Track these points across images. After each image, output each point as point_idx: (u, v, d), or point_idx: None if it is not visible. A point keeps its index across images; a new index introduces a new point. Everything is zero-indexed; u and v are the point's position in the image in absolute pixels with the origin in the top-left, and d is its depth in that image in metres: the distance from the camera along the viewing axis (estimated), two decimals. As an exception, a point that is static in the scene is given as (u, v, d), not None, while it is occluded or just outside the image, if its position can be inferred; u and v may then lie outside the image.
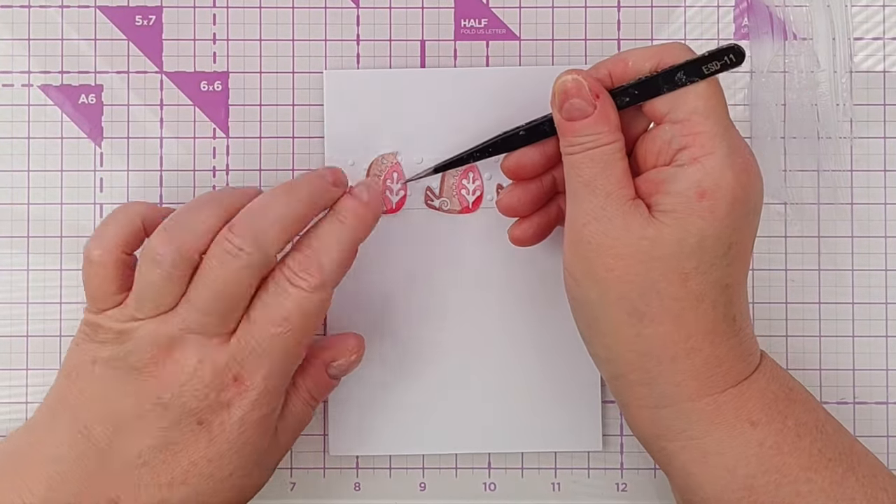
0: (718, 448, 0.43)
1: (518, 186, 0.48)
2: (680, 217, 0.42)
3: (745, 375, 0.44)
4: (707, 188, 0.42)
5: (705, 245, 0.42)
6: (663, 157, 0.44)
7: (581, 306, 0.45)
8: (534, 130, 0.47)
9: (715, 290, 0.43)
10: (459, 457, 0.53)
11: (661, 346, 0.43)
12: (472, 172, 0.52)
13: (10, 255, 0.52)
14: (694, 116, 0.43)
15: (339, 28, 0.53)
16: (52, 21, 0.53)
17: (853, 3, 0.53)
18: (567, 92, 0.44)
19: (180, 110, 0.53)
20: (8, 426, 0.52)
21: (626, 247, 0.43)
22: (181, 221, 0.45)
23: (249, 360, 0.44)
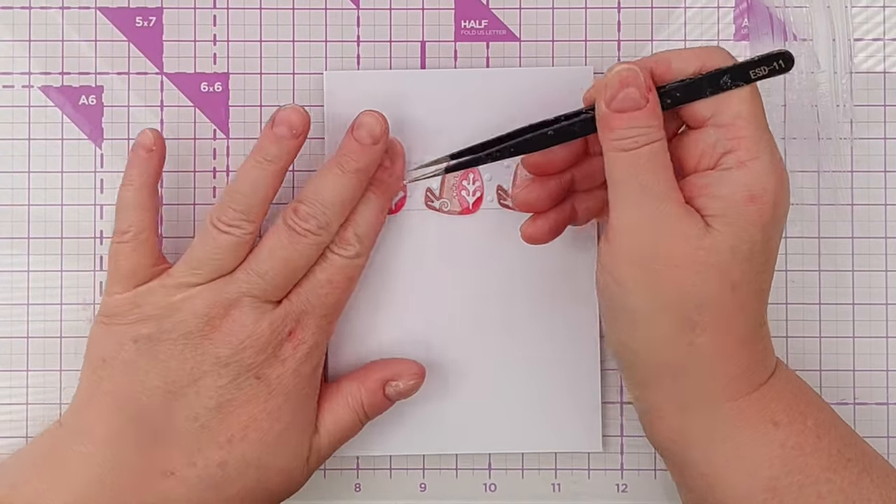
0: (742, 451, 0.43)
1: (536, 182, 0.48)
2: (731, 222, 0.42)
3: (766, 378, 0.44)
4: (756, 192, 0.42)
5: (755, 251, 0.42)
6: (706, 160, 0.43)
7: (621, 313, 0.44)
8: (563, 132, 0.46)
9: (755, 298, 0.43)
10: (460, 457, 0.53)
11: (705, 353, 0.43)
12: (473, 174, 0.52)
13: (10, 255, 0.52)
14: (738, 121, 0.43)
15: (339, 29, 0.53)
16: (53, 22, 0.53)
17: (853, 3, 0.53)
18: (623, 81, 0.43)
19: (181, 111, 0.53)
20: (8, 426, 0.52)
21: (683, 255, 0.42)
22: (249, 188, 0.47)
23: (301, 317, 0.47)
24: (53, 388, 0.52)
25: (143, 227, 0.48)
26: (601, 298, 0.45)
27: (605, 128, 0.44)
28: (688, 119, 0.44)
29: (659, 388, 0.44)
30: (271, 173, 0.47)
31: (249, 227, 0.47)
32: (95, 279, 0.52)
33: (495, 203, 0.52)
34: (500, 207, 0.52)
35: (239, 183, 0.47)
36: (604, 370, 0.52)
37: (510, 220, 0.52)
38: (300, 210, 0.47)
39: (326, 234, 0.47)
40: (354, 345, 0.52)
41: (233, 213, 0.47)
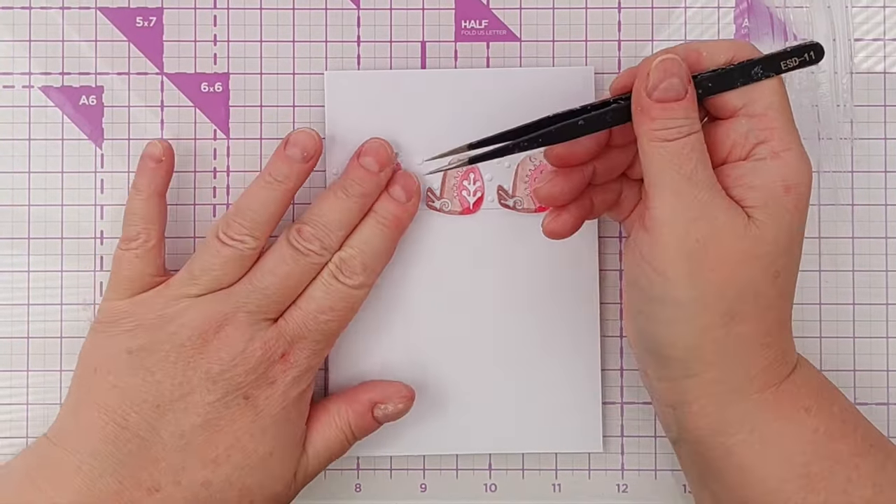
0: (777, 438, 0.44)
1: (560, 175, 0.47)
2: (772, 212, 0.42)
3: (793, 366, 0.45)
4: (791, 183, 0.43)
5: (794, 241, 0.43)
6: (737, 151, 0.44)
7: (660, 304, 0.44)
8: (594, 121, 0.45)
9: (793, 284, 0.44)
10: (460, 457, 0.53)
11: (744, 342, 0.43)
12: (473, 174, 0.52)
13: (10, 256, 0.52)
14: (770, 111, 0.43)
15: (339, 29, 0.53)
16: (53, 22, 0.53)
17: (853, 3, 0.53)
18: (668, 70, 0.43)
19: (181, 111, 0.53)
20: (8, 426, 0.52)
21: (732, 246, 0.42)
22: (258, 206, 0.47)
23: (296, 341, 0.47)
24: (53, 388, 0.52)
25: (150, 236, 0.48)
26: (634, 290, 0.45)
27: (644, 118, 0.43)
28: (717, 110, 0.45)
29: (694, 380, 0.44)
30: (280, 193, 0.48)
31: (254, 242, 0.47)
32: (95, 279, 0.52)
33: (496, 203, 0.52)
34: (501, 207, 0.52)
35: (247, 200, 0.48)
36: (604, 370, 0.52)
37: (511, 221, 0.52)
38: (304, 231, 0.47)
39: (328, 254, 0.48)
40: (354, 343, 0.52)
41: (238, 228, 0.47)
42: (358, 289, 0.48)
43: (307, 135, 0.48)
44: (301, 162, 0.48)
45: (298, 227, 0.48)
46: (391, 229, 0.49)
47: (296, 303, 0.48)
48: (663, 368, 0.45)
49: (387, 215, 0.49)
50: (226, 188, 0.53)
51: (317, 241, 0.47)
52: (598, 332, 0.52)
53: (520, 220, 0.52)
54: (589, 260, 0.52)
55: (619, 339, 0.53)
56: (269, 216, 0.48)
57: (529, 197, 0.52)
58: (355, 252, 0.48)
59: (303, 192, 0.52)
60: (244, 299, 0.47)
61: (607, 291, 0.52)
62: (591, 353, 0.52)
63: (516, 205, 0.52)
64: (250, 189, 0.48)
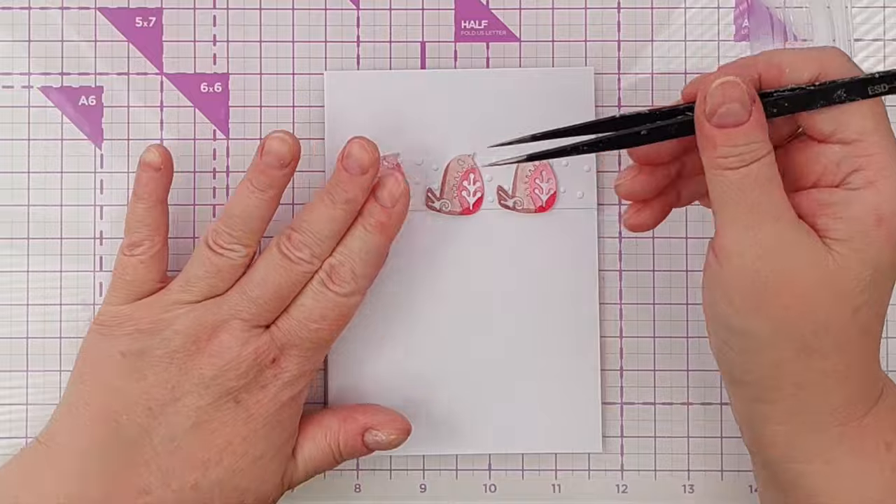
0: (851, 472, 0.42)
1: (644, 172, 0.45)
2: (857, 247, 0.40)
3: (877, 396, 0.43)
4: (884, 214, 0.40)
5: (879, 276, 0.40)
6: (828, 177, 0.41)
7: (734, 335, 0.42)
8: (657, 132, 0.43)
9: (877, 320, 0.42)
10: (460, 458, 0.53)
11: (824, 377, 0.41)
12: (473, 174, 0.52)
13: (10, 256, 0.52)
14: (865, 136, 0.40)
15: (339, 29, 0.53)
16: (53, 22, 0.53)
17: (853, 3, 0.53)
18: (725, 95, 0.40)
19: (180, 112, 0.53)
20: (8, 426, 0.52)
21: (805, 280, 0.40)
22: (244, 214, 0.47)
23: (287, 347, 0.47)
24: (53, 388, 0.52)
25: (154, 242, 0.48)
26: (710, 316, 0.43)
27: (706, 144, 0.41)
28: (808, 130, 0.42)
29: (770, 406, 0.43)
30: (264, 201, 0.47)
31: (244, 250, 0.47)
32: (95, 280, 0.52)
33: (495, 203, 0.52)
34: (501, 208, 0.52)
35: (233, 208, 0.47)
36: (604, 370, 0.52)
37: (510, 221, 0.52)
38: (294, 238, 0.47)
39: (318, 262, 0.47)
40: (353, 343, 0.51)
41: (227, 237, 0.47)
42: (349, 297, 0.47)
43: (280, 141, 0.47)
44: (278, 169, 0.47)
45: (289, 233, 0.47)
46: (378, 235, 0.48)
47: (287, 310, 0.47)
48: (740, 389, 0.44)
49: (373, 221, 0.48)
50: (225, 188, 0.53)
51: (307, 250, 0.47)
52: (598, 333, 0.52)
53: (519, 221, 0.52)
54: (589, 260, 0.52)
55: (618, 339, 0.53)
56: (256, 223, 0.47)
57: (529, 197, 0.52)
58: (344, 259, 0.47)
59: (302, 192, 0.52)
60: (237, 307, 0.47)
61: (607, 291, 0.52)
62: (591, 353, 0.52)
63: (516, 205, 0.52)
64: (237, 195, 0.47)
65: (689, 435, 0.52)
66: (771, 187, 0.40)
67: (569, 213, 0.52)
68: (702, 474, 0.52)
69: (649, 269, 0.53)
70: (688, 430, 0.52)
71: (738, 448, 0.52)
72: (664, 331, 0.52)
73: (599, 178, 0.52)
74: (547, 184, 0.52)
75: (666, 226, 0.48)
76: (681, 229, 0.52)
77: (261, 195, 0.47)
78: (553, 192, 0.52)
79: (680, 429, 0.52)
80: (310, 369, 0.48)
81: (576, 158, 0.51)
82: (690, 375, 0.52)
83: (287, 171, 0.47)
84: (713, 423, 0.52)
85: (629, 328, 0.53)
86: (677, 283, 0.52)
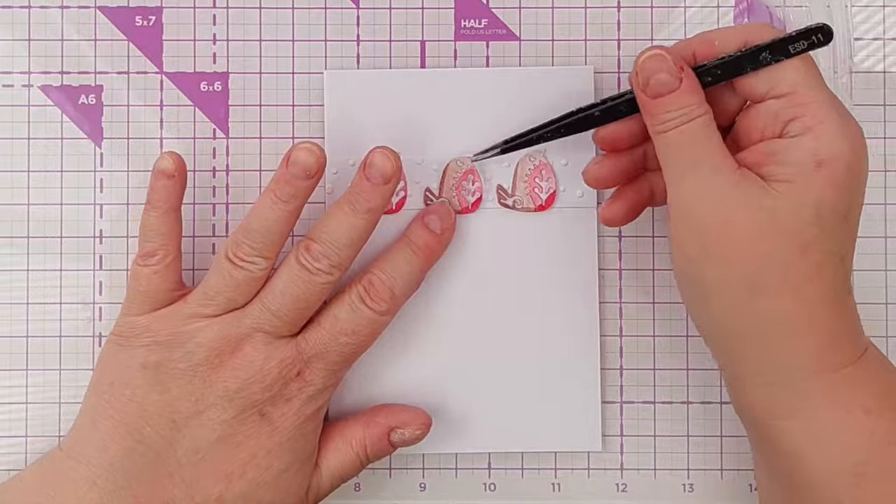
0: (832, 431, 0.43)
1: (608, 158, 0.48)
2: (797, 188, 0.42)
3: (857, 356, 0.44)
4: (824, 157, 0.42)
5: (824, 214, 0.42)
6: (770, 130, 0.43)
7: (694, 284, 0.44)
8: (609, 111, 0.47)
9: (833, 261, 0.43)
10: (459, 457, 0.53)
11: (781, 320, 0.42)
12: (472, 174, 0.52)
13: (10, 255, 0.52)
14: (799, 88, 0.43)
15: (339, 28, 0.53)
16: (53, 21, 0.53)
17: (853, 3, 0.53)
18: (650, 68, 0.44)
19: (180, 111, 0.53)
20: (8, 426, 0.52)
21: (744, 220, 0.42)
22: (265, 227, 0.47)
23: (314, 360, 0.47)
24: (53, 387, 0.52)
25: (168, 251, 0.48)
26: (676, 279, 0.45)
27: (646, 114, 0.44)
28: (747, 96, 0.45)
29: (742, 359, 0.44)
30: (286, 213, 0.47)
31: (264, 263, 0.47)
32: (95, 279, 0.52)
33: (495, 203, 0.52)
34: (500, 207, 0.52)
35: (254, 220, 0.47)
36: (603, 369, 0.52)
37: (510, 220, 0.52)
38: (312, 248, 0.47)
39: (338, 272, 0.47)
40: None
41: (248, 250, 0.47)
42: (383, 315, 0.48)
43: (307, 152, 0.47)
44: (304, 180, 0.47)
45: (307, 243, 0.47)
46: (422, 259, 0.49)
47: (318, 320, 0.48)
48: (714, 346, 0.45)
49: (420, 244, 0.49)
50: (225, 187, 0.53)
51: (325, 260, 0.47)
52: (598, 332, 0.52)
53: (519, 220, 0.52)
54: (589, 259, 0.52)
55: (618, 338, 0.53)
56: (277, 236, 0.47)
57: (529, 196, 0.52)
58: (385, 277, 0.48)
59: (302, 191, 0.52)
60: (259, 320, 0.47)
61: (607, 291, 0.53)
62: (591, 352, 0.52)
63: (515, 204, 0.52)
64: (257, 207, 0.47)
65: (688, 434, 0.52)
66: (706, 141, 0.43)
67: (568, 211, 0.52)
68: (702, 473, 0.52)
69: (649, 267, 0.53)
70: (688, 429, 0.52)
71: (738, 447, 0.52)
72: (664, 329, 0.53)
73: (599, 177, 0.52)
74: (546, 183, 0.52)
75: (666, 225, 0.48)
76: (681, 228, 0.52)
77: (283, 206, 0.47)
78: (553, 191, 0.52)
79: (680, 428, 0.52)
80: (333, 384, 0.48)
81: (576, 157, 0.51)
82: (690, 374, 0.53)
83: (312, 183, 0.47)
84: (713, 422, 0.52)
85: (629, 327, 0.53)
86: (677, 282, 0.53)
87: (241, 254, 0.47)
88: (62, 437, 0.52)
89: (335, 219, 0.47)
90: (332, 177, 0.52)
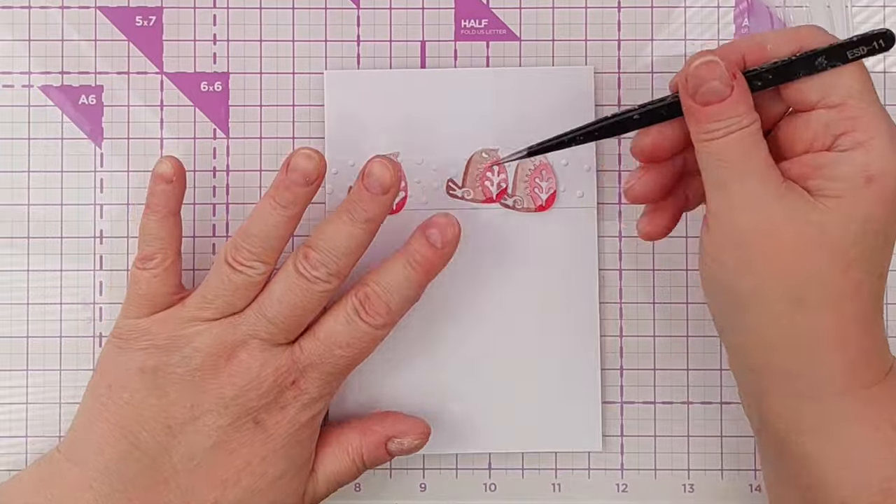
0: (859, 447, 0.42)
1: (650, 171, 0.46)
2: (846, 204, 0.41)
3: (884, 372, 0.43)
4: (874, 173, 0.41)
5: (869, 231, 0.41)
6: (819, 142, 0.42)
7: (728, 294, 0.43)
8: (649, 114, 0.45)
9: (872, 279, 0.42)
10: (460, 457, 0.53)
11: (817, 335, 0.42)
12: (498, 166, 0.51)
13: (10, 255, 0.52)
14: (851, 100, 0.42)
15: (339, 29, 0.53)
16: (53, 21, 0.53)
17: (853, 3, 0.53)
18: (703, 76, 0.42)
19: (181, 111, 0.53)
20: (8, 426, 0.52)
21: (790, 234, 0.41)
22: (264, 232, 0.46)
23: (309, 369, 0.47)
24: (53, 387, 0.52)
25: (167, 255, 0.48)
26: (706, 288, 0.44)
27: (692, 121, 0.43)
28: (794, 102, 0.43)
29: (770, 373, 0.43)
30: (286, 218, 0.46)
31: (263, 267, 0.47)
32: (95, 279, 0.52)
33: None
34: (501, 207, 0.52)
35: (254, 224, 0.47)
36: (604, 370, 0.52)
37: (510, 220, 0.52)
38: (311, 256, 0.46)
39: (336, 280, 0.47)
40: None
41: (247, 254, 0.46)
42: (379, 329, 0.47)
43: (307, 158, 0.46)
44: (303, 186, 0.46)
45: (305, 251, 0.46)
46: (421, 273, 0.47)
47: (314, 330, 0.47)
48: (741, 360, 0.45)
49: (419, 258, 0.47)
50: (225, 187, 0.53)
51: (323, 268, 0.46)
52: (598, 332, 0.52)
53: (519, 220, 0.52)
54: (589, 259, 0.52)
55: (618, 338, 0.53)
56: (276, 241, 0.47)
57: (529, 196, 0.52)
58: (381, 291, 0.47)
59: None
60: (255, 327, 0.46)
61: (607, 290, 0.52)
62: (591, 352, 0.52)
63: (516, 204, 0.52)
64: (257, 211, 0.47)
65: (689, 434, 0.52)
66: (754, 151, 0.42)
67: (569, 212, 0.52)
68: (702, 473, 0.52)
69: (649, 268, 0.53)
70: (688, 429, 0.52)
71: (738, 447, 0.52)
72: (664, 330, 0.53)
73: (599, 178, 0.52)
74: (547, 183, 0.52)
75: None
76: (681, 228, 0.52)
77: (283, 212, 0.46)
78: (553, 192, 0.52)
79: (680, 428, 0.52)
80: (329, 392, 0.48)
81: (576, 158, 0.51)
82: (690, 374, 0.52)
83: (312, 189, 0.47)
84: (713, 422, 0.52)
85: (629, 327, 0.53)
86: (677, 282, 0.53)
87: (241, 258, 0.46)
88: (62, 437, 0.52)
89: (333, 227, 0.47)
90: (332, 177, 0.52)
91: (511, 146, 0.50)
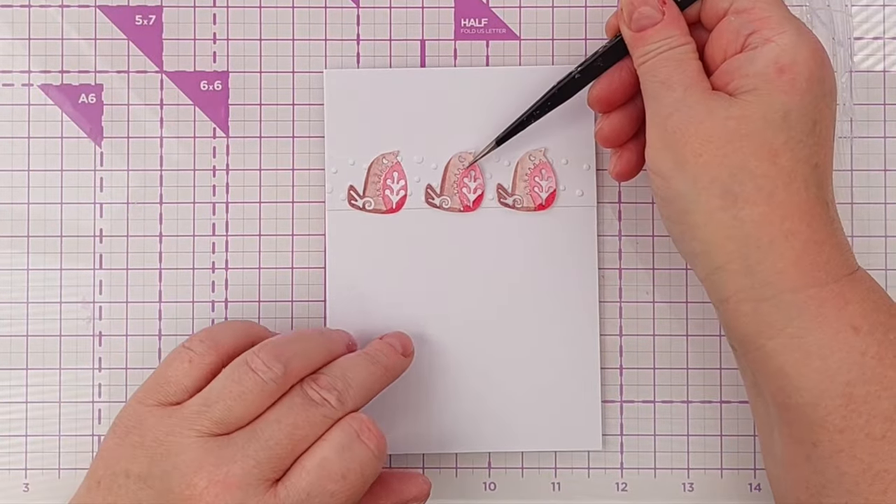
0: (820, 350, 0.42)
1: (615, 113, 0.48)
2: (762, 94, 0.43)
3: (844, 272, 0.43)
4: (785, 63, 0.43)
5: (791, 119, 0.43)
6: (733, 47, 0.45)
7: (671, 202, 0.44)
8: (589, 70, 0.48)
9: (805, 168, 0.43)
10: (459, 456, 0.53)
11: (758, 228, 0.43)
12: (474, 171, 0.52)
13: (10, 254, 0.52)
14: (758, 4, 0.44)
15: (339, 28, 0.53)
16: (53, 20, 0.53)
17: (853, 3, 0.53)
18: (635, 4, 0.45)
19: (180, 110, 0.53)
20: (8, 426, 0.52)
21: (713, 129, 0.43)
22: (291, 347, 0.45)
23: None
24: (53, 387, 0.52)
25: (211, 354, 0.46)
26: (655, 200, 0.46)
27: (632, 48, 0.46)
28: (712, 13, 0.46)
29: (727, 275, 0.43)
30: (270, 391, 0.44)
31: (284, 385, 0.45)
32: (95, 278, 0.52)
33: (495, 202, 0.52)
34: (500, 206, 0.52)
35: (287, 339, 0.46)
36: (603, 369, 0.52)
37: (510, 219, 0.52)
38: (321, 380, 0.45)
39: (341, 410, 0.44)
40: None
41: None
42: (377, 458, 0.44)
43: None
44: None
45: (315, 376, 0.45)
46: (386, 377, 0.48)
47: (301, 462, 0.43)
48: (698, 266, 0.45)
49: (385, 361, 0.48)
50: (225, 186, 0.53)
51: (335, 392, 0.44)
52: (598, 331, 0.52)
53: (519, 219, 0.52)
54: (589, 258, 0.52)
55: (618, 337, 0.53)
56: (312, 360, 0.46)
57: (529, 195, 0.52)
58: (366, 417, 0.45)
59: (301, 190, 0.52)
60: (242, 451, 0.42)
61: (607, 289, 0.53)
62: (591, 351, 0.52)
63: (515, 203, 0.52)
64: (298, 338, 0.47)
65: (688, 433, 0.52)
66: (683, 65, 0.45)
67: (568, 211, 0.52)
68: (701, 473, 0.52)
69: (649, 267, 0.53)
70: (687, 428, 0.52)
71: (738, 446, 0.52)
72: (664, 329, 0.53)
73: (599, 177, 0.52)
74: (546, 182, 0.52)
75: None
76: (681, 228, 0.52)
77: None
78: (553, 191, 0.52)
79: (680, 427, 0.52)
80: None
81: (576, 157, 0.52)
82: (690, 373, 0.53)
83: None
84: (713, 421, 0.52)
85: (629, 326, 0.53)
86: (677, 282, 0.53)
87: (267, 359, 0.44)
88: (61, 436, 0.52)
89: (349, 360, 0.47)
90: (333, 177, 0.52)
91: (511, 146, 0.51)
